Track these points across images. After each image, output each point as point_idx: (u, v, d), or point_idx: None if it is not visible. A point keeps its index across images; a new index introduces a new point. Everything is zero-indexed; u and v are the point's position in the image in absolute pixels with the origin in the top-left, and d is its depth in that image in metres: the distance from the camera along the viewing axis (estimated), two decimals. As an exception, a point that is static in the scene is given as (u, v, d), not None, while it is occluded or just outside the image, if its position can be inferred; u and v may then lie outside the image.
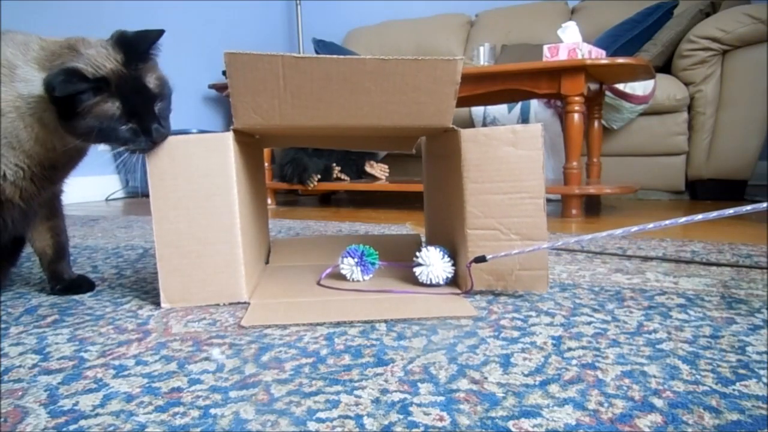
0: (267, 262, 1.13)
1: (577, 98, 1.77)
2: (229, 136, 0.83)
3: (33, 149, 0.77)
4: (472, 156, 0.84)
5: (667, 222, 0.73)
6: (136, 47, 0.75)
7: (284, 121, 0.85)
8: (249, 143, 0.99)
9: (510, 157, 0.83)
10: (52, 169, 0.81)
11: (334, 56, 0.80)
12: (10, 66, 0.73)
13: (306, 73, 0.81)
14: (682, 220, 0.73)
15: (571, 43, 1.83)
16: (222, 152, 0.83)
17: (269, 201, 2.52)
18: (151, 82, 0.77)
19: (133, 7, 2.85)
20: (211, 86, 2.87)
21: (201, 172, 0.82)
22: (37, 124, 0.75)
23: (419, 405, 0.50)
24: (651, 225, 0.74)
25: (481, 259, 0.82)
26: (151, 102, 0.76)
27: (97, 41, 0.76)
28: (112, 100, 0.73)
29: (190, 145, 0.82)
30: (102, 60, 0.73)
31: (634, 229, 0.75)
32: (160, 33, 0.77)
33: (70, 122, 0.73)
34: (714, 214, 0.70)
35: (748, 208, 0.68)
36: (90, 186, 2.77)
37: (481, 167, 0.84)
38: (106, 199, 2.84)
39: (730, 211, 0.69)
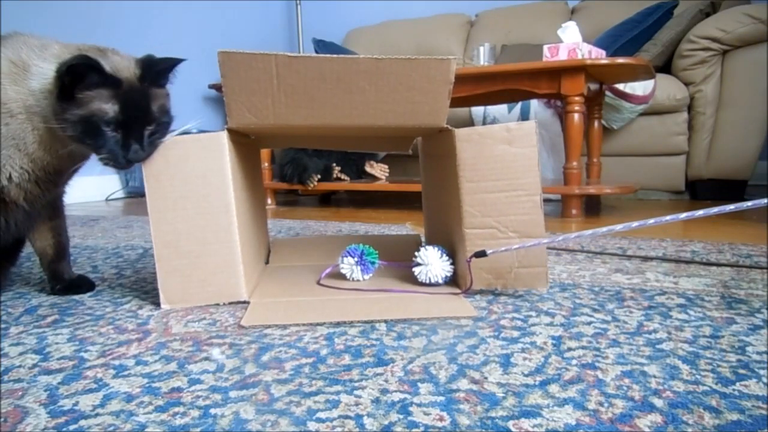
0: (267, 262, 1.13)
1: (577, 98, 1.77)
2: (224, 135, 0.83)
3: (37, 153, 0.77)
4: (468, 155, 0.84)
5: (668, 218, 0.73)
6: (155, 67, 0.77)
7: (278, 121, 0.85)
8: (245, 143, 0.99)
9: (505, 156, 0.83)
10: (56, 173, 0.82)
11: (328, 55, 0.80)
12: (24, 66, 0.74)
13: (300, 73, 0.81)
14: (683, 215, 0.73)
15: (571, 43, 1.83)
16: (217, 152, 0.83)
17: (269, 201, 2.52)
18: (155, 106, 0.77)
19: (133, 6, 2.85)
20: (211, 86, 2.87)
21: (197, 172, 0.82)
22: (43, 124, 0.75)
23: (419, 405, 0.50)
24: (652, 221, 0.74)
25: (481, 254, 0.82)
26: (146, 123, 0.76)
27: (125, 54, 0.78)
28: (113, 102, 0.73)
29: (185, 145, 0.82)
30: (122, 67, 0.75)
31: (635, 224, 0.75)
32: (180, 61, 0.79)
33: (64, 105, 0.72)
34: (715, 209, 0.70)
35: (749, 204, 0.68)
36: (90, 186, 2.77)
37: (476, 166, 0.84)
38: (106, 199, 2.84)
39: (731, 206, 0.69)
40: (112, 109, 0.73)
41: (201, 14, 3.27)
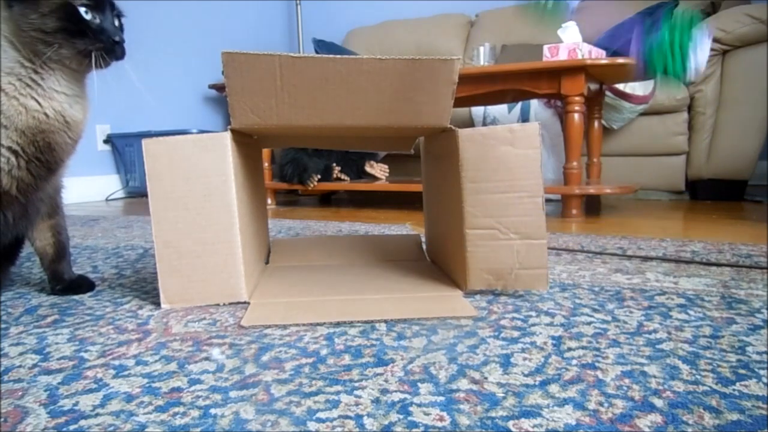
0: (267, 262, 1.13)
1: (577, 98, 1.77)
2: (227, 135, 0.83)
3: (25, 123, 0.75)
4: (470, 156, 0.84)
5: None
6: None
7: (281, 121, 0.85)
8: (247, 143, 0.99)
9: (508, 157, 0.83)
10: (48, 149, 0.79)
11: (332, 56, 0.80)
12: None
13: (303, 73, 0.81)
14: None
15: (571, 43, 1.83)
16: (220, 152, 0.83)
17: (269, 201, 2.52)
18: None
19: (132, 6, 2.85)
20: (212, 86, 2.87)
21: (199, 172, 0.82)
22: (18, 83, 0.74)
23: (419, 405, 0.50)
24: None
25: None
26: (112, 8, 0.80)
27: None
28: None
29: (188, 145, 0.82)
30: None
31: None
32: None
33: (29, 11, 0.72)
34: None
35: None
36: (90, 186, 2.78)
37: (478, 167, 0.84)
38: (106, 199, 2.84)
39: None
40: None
41: (201, 14, 3.27)
